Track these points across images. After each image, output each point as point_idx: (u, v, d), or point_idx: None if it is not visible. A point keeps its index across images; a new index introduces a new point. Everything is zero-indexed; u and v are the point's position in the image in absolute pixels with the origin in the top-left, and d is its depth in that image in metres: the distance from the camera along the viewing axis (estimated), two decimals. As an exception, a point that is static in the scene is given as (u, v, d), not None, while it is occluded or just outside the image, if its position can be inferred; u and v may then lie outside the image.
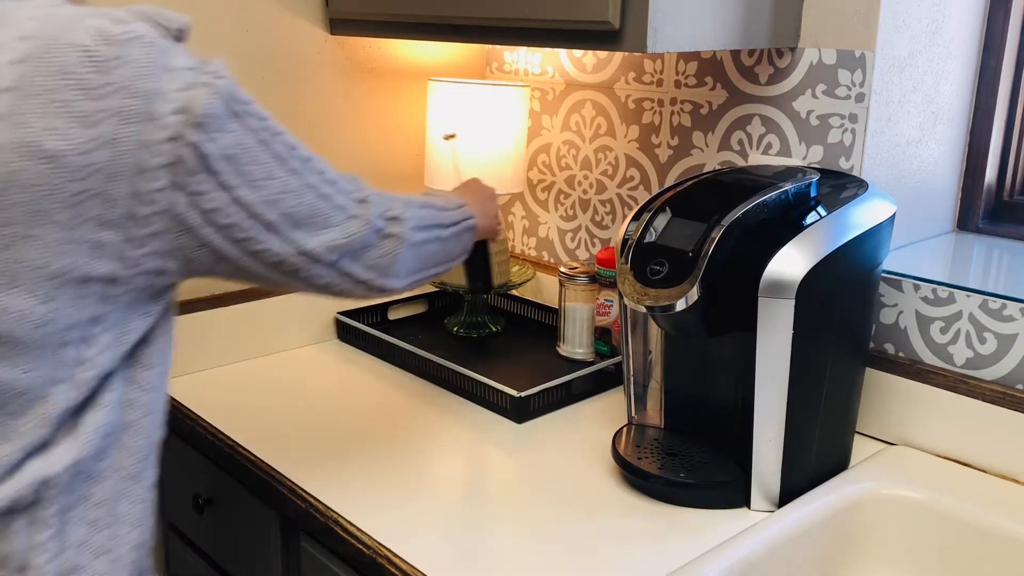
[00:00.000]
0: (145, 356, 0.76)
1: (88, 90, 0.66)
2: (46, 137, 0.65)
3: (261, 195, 0.75)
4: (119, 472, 0.75)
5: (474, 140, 1.37)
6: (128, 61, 0.67)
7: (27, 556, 0.70)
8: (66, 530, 0.72)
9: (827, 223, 0.93)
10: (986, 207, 1.30)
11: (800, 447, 0.97)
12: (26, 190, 0.65)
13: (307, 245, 0.80)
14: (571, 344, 1.35)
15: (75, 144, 0.66)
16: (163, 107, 0.68)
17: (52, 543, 0.71)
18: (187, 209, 0.71)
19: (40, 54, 0.65)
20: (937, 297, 1.07)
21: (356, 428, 1.15)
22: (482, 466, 1.06)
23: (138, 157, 0.68)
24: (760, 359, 0.92)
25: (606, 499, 0.99)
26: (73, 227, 0.67)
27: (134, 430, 0.76)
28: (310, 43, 1.37)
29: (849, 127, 1.13)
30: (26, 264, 0.67)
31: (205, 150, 0.70)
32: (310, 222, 0.79)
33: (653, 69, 1.35)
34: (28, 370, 0.69)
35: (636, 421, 1.10)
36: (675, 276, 0.90)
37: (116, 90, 0.66)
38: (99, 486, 0.74)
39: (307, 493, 0.99)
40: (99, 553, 0.74)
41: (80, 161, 0.66)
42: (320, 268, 0.82)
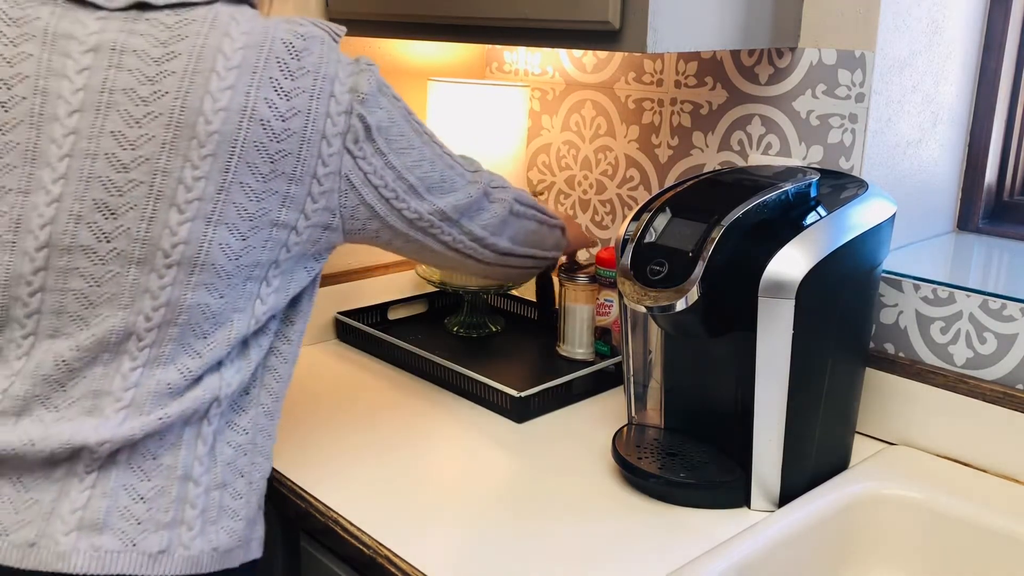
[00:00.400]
0: (294, 312, 0.91)
1: (288, 71, 0.83)
2: (261, 104, 0.81)
3: (404, 161, 0.91)
4: (260, 408, 0.89)
5: (474, 140, 1.37)
6: (313, 52, 0.84)
7: (190, 466, 0.83)
8: (217, 448, 0.85)
9: (827, 223, 0.93)
10: (986, 207, 1.30)
11: (800, 447, 0.97)
12: (244, 145, 0.80)
13: (438, 204, 0.95)
14: (571, 344, 1.35)
15: (279, 112, 0.82)
16: (339, 87, 0.85)
17: (207, 458, 0.84)
18: (352, 170, 0.87)
19: (257, 43, 0.82)
20: (937, 297, 1.07)
21: (356, 428, 1.15)
22: (482, 466, 1.06)
23: (323, 125, 0.84)
24: (760, 359, 0.92)
25: (606, 499, 0.99)
26: (270, 179, 0.82)
27: (276, 374, 0.90)
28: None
29: (849, 127, 1.13)
30: (234, 205, 0.81)
31: (368, 122, 0.87)
32: (440, 186, 0.95)
33: (653, 69, 1.35)
34: (221, 296, 0.83)
35: (636, 421, 1.10)
36: (675, 276, 0.90)
37: (307, 72, 0.83)
38: (243, 416, 0.87)
39: (307, 493, 0.99)
40: (240, 474, 0.87)
41: (281, 126, 0.82)
42: (448, 225, 0.97)
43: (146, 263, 0.79)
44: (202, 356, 0.83)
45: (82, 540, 0.78)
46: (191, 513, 0.83)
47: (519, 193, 1.07)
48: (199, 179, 0.79)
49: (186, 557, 0.82)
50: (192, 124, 0.78)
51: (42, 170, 0.79)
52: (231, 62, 0.80)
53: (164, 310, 0.80)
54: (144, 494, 0.81)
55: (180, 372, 0.82)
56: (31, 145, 0.79)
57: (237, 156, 0.80)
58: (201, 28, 0.81)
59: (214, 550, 0.84)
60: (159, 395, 0.81)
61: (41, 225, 0.79)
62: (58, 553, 0.78)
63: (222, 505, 0.85)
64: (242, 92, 0.80)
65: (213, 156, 0.79)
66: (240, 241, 0.81)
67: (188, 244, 0.79)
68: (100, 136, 0.78)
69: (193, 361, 0.83)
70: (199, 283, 0.81)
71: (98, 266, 0.79)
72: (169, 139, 0.78)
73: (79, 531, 0.79)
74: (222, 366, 0.85)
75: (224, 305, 0.83)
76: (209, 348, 0.83)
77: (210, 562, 0.83)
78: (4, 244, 0.80)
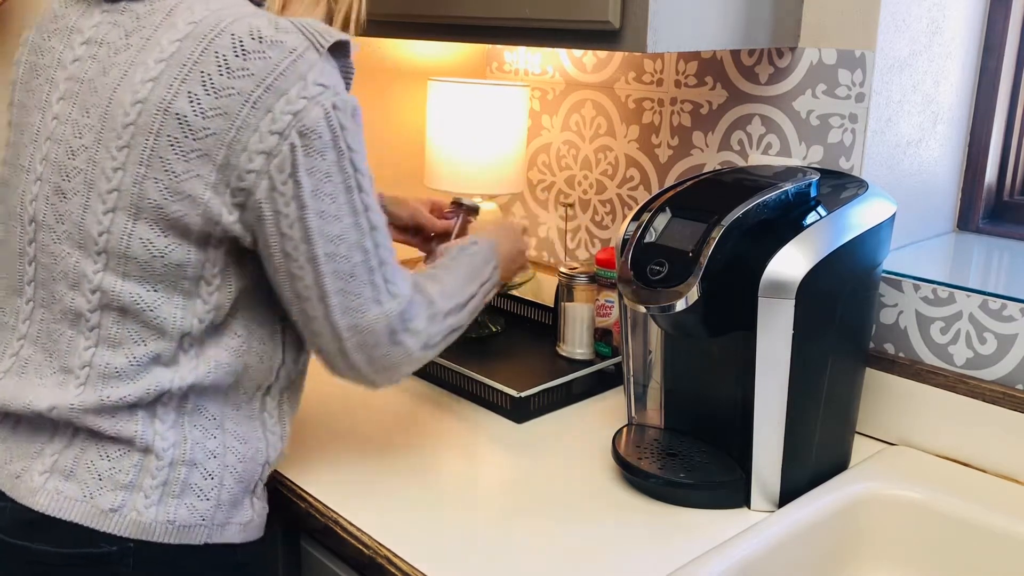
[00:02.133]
0: (264, 313, 0.88)
1: (226, 68, 0.78)
2: (182, 99, 0.78)
3: (322, 228, 0.82)
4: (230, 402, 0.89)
5: (474, 140, 1.37)
6: (269, 57, 0.78)
7: (151, 440, 0.84)
8: (184, 427, 0.85)
9: (827, 223, 0.93)
10: (986, 207, 1.30)
11: (800, 447, 0.97)
12: (158, 139, 0.78)
13: (330, 298, 0.84)
14: (571, 344, 1.34)
15: (201, 108, 0.78)
16: (284, 106, 0.78)
17: (171, 433, 0.85)
18: (266, 200, 0.80)
19: (200, 34, 0.79)
20: (937, 297, 1.07)
21: (356, 428, 1.15)
22: (482, 466, 1.06)
23: (247, 137, 0.78)
24: (760, 359, 0.92)
25: (606, 499, 0.99)
26: (184, 179, 0.79)
27: (249, 372, 0.88)
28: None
29: (849, 127, 1.13)
30: (149, 200, 0.80)
31: (298, 158, 0.79)
32: (345, 279, 0.84)
33: (653, 69, 1.35)
34: (154, 289, 0.82)
35: (636, 421, 1.10)
36: (675, 276, 0.90)
37: (249, 76, 0.78)
38: (212, 404, 0.87)
39: (307, 493, 0.99)
40: (211, 455, 0.86)
41: (200, 123, 0.78)
42: (326, 328, 0.85)
43: (84, 248, 0.83)
44: (146, 344, 0.83)
45: (51, 482, 0.83)
46: (150, 482, 0.84)
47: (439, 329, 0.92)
48: (117, 170, 0.80)
49: (137, 522, 0.83)
50: (114, 115, 0.80)
51: (37, 150, 0.86)
52: (163, 53, 0.79)
53: (99, 295, 0.83)
54: (110, 453, 0.84)
55: (127, 358, 0.83)
56: (36, 128, 0.87)
57: (151, 150, 0.79)
58: (156, 18, 0.81)
59: (169, 522, 0.84)
60: (108, 377, 0.83)
61: (30, 200, 0.87)
62: (31, 488, 0.83)
63: (188, 482, 0.85)
64: (164, 85, 0.78)
65: (128, 148, 0.80)
66: (162, 238, 0.81)
67: (111, 234, 0.81)
68: (66, 123, 0.84)
69: (139, 348, 0.83)
70: (128, 274, 0.82)
71: (56, 245, 0.85)
72: (100, 129, 0.81)
73: (51, 473, 0.84)
74: (177, 358, 0.84)
75: (160, 299, 0.83)
76: (153, 338, 0.83)
77: (163, 533, 0.84)
78: (15, 216, 0.89)
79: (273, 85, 0.78)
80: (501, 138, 1.38)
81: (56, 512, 0.82)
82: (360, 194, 0.84)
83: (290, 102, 0.78)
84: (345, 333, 0.85)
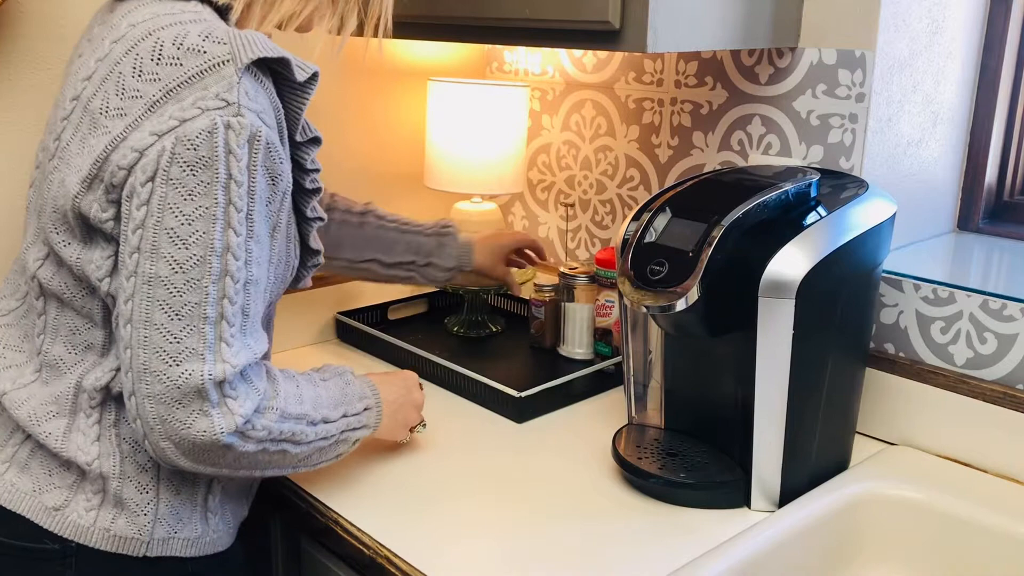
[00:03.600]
0: None
1: (139, 71, 0.76)
2: (99, 98, 0.78)
3: (161, 247, 0.74)
4: None
5: (474, 140, 1.37)
6: (183, 65, 0.75)
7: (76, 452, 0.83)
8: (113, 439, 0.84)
9: (827, 223, 0.93)
10: (986, 207, 1.30)
11: (800, 447, 0.96)
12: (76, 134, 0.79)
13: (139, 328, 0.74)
14: (571, 344, 1.34)
15: (107, 108, 0.77)
16: (174, 111, 0.74)
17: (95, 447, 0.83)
18: (125, 199, 0.76)
19: (132, 37, 0.78)
20: (937, 297, 1.07)
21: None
22: (482, 466, 1.06)
23: (133, 135, 0.76)
24: (760, 359, 0.92)
25: (606, 499, 0.99)
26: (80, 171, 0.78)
27: None
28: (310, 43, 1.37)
29: (849, 127, 1.13)
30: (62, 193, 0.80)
31: (163, 164, 0.74)
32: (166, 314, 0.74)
33: (653, 69, 1.35)
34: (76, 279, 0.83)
35: (636, 421, 1.10)
36: (675, 276, 0.90)
37: (155, 80, 0.76)
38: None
39: (307, 493, 0.99)
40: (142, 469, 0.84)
41: (103, 121, 0.77)
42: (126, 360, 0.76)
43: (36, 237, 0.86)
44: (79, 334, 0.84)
45: (8, 473, 0.85)
46: (89, 488, 0.84)
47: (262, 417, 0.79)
48: (51, 163, 0.84)
49: (77, 524, 0.83)
50: (58, 108, 0.84)
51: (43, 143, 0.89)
52: (101, 54, 0.81)
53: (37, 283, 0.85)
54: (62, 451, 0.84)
55: (67, 349, 0.84)
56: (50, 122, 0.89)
57: (66, 144, 0.82)
58: (116, 19, 0.83)
59: (106, 531, 0.84)
60: (53, 368, 0.84)
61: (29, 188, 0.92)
62: None
63: (121, 495, 0.84)
64: (94, 83, 0.80)
65: (58, 141, 0.83)
66: (69, 232, 0.82)
67: (44, 227, 0.84)
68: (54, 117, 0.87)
69: (75, 338, 0.84)
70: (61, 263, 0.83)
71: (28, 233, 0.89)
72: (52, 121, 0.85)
73: (10, 464, 0.86)
74: (100, 358, 0.84)
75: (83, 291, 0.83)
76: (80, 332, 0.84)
77: (101, 540, 0.84)
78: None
79: (174, 91, 0.75)
80: (501, 138, 1.38)
81: (8, 504, 0.84)
82: (227, 232, 0.74)
83: (183, 109, 0.74)
84: (145, 376, 0.74)
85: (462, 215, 1.43)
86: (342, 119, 1.43)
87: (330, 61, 0.93)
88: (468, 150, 1.37)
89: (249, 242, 0.76)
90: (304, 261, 0.91)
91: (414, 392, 1.03)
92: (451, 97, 1.37)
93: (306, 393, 0.86)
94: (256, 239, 0.77)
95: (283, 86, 0.81)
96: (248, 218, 0.76)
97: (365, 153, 1.48)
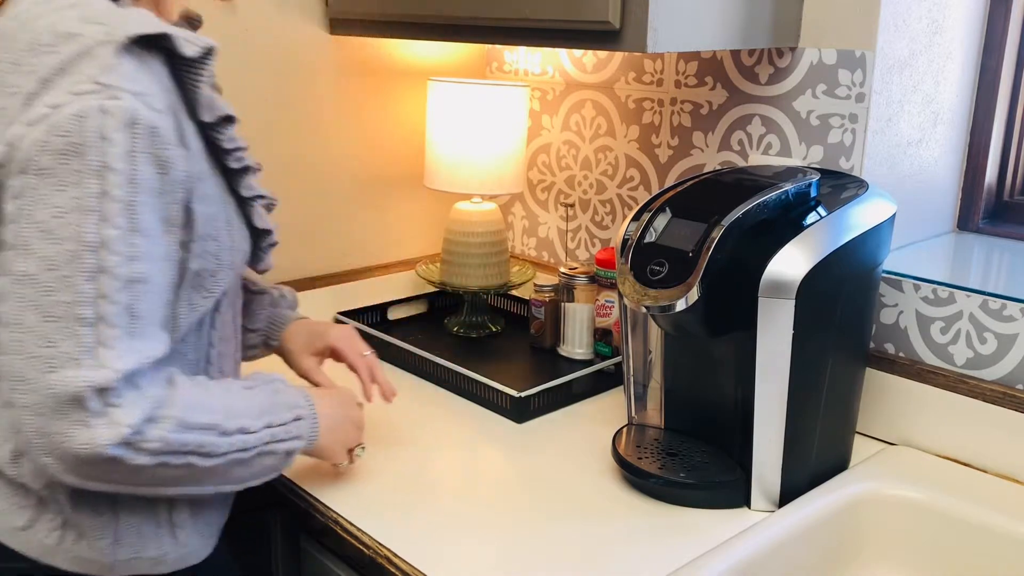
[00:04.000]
0: None
1: (16, 64, 0.73)
2: None
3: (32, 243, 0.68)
4: None
5: (474, 140, 1.37)
6: (57, 53, 0.71)
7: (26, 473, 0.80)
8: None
9: (827, 223, 0.93)
10: (986, 207, 1.30)
11: (800, 447, 0.96)
12: None
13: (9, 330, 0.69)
14: (571, 344, 1.34)
15: None
16: (47, 98, 0.70)
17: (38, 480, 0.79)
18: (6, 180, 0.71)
19: (16, 25, 0.74)
20: (937, 297, 1.07)
21: (356, 428, 1.15)
22: (482, 466, 1.06)
23: (9, 129, 0.71)
24: (760, 359, 0.92)
25: (606, 499, 0.99)
26: None
27: None
28: (310, 43, 1.37)
29: (849, 127, 1.13)
30: None
31: (33, 154, 0.69)
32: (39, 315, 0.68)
33: (653, 69, 1.35)
34: None
35: (636, 421, 1.10)
36: (675, 276, 0.90)
37: (32, 72, 0.71)
38: None
39: (307, 493, 0.99)
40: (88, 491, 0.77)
41: None
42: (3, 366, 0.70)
43: None
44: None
45: None
46: (50, 509, 0.81)
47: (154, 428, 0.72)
48: None
49: (43, 544, 0.80)
50: None
51: None
52: None
53: None
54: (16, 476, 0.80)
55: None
56: None
57: None
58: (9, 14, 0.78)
59: (67, 551, 0.81)
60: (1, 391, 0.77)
61: None
62: None
63: (79, 520, 0.80)
64: None
65: None
66: None
67: None
68: None
69: None
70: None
71: None
72: None
73: None
74: None
75: None
76: None
77: (67, 561, 0.81)
78: None
79: (49, 79, 0.70)
80: (501, 138, 1.38)
81: None
82: (102, 225, 0.68)
83: (56, 96, 0.69)
84: (20, 385, 0.69)
85: (462, 215, 1.43)
86: (342, 119, 1.43)
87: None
88: (468, 150, 1.38)
89: (132, 236, 0.70)
90: (258, 242, 0.87)
91: (352, 409, 0.97)
92: (451, 97, 1.37)
93: (217, 402, 0.78)
94: (142, 232, 0.70)
95: (179, 65, 0.76)
96: (129, 210, 0.69)
97: (365, 153, 1.48)
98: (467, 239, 1.42)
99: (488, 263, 1.44)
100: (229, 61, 1.28)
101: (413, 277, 1.56)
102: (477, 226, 1.42)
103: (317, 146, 1.42)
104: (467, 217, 1.43)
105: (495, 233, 1.43)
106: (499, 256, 1.44)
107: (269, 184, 0.91)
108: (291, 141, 1.38)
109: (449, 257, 1.44)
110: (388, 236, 1.55)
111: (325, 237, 1.47)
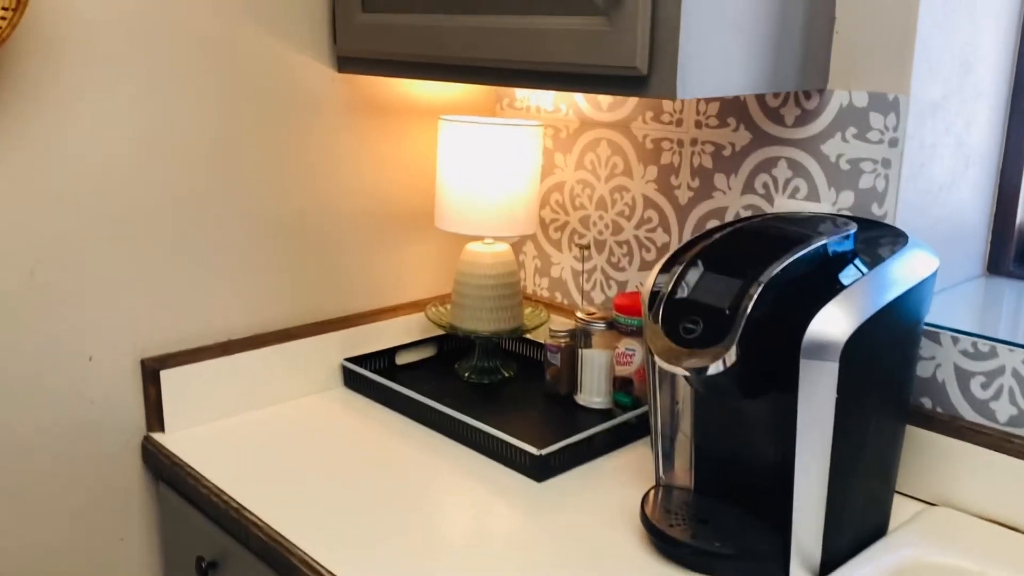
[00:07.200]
0: None
1: None
2: None
3: None
4: None
5: (486, 181, 1.32)
6: None
7: None
8: None
9: (870, 280, 0.88)
10: (1017, 250, 1.26)
11: (842, 512, 0.91)
12: None
13: None
14: (588, 393, 1.29)
15: None
16: None
17: None
18: None
19: None
20: (977, 351, 1.02)
21: (361, 483, 1.09)
22: (498, 528, 1.01)
23: None
24: (801, 422, 0.87)
25: (635, 567, 0.93)
26: None
27: None
28: (318, 81, 1.33)
29: (882, 172, 1.09)
30: None
31: None
32: None
33: (672, 109, 1.31)
34: None
35: (664, 482, 1.05)
36: (711, 336, 0.85)
37: None
38: None
39: (318, 563, 0.93)
40: None
41: None
42: None
43: None
44: None
45: None
46: None
47: None
48: None
49: None
50: None
51: None
52: None
53: None
54: None
55: None
56: None
57: None
58: None
59: None
60: None
61: None
62: None
63: None
64: None
65: None
66: None
67: None
68: None
69: None
70: None
71: None
72: None
73: None
74: None
75: None
76: None
77: None
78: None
79: None
80: (514, 179, 1.34)
81: None
82: None
83: None
84: None
85: (473, 256, 1.38)
86: (351, 157, 1.39)
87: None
88: (479, 191, 1.33)
89: None
90: None
91: None
92: (463, 137, 1.33)
93: None
94: None
95: None
96: None
97: (375, 192, 1.43)
98: (478, 281, 1.37)
99: (500, 306, 1.39)
100: (236, 99, 1.23)
101: (421, 320, 1.51)
102: (488, 268, 1.37)
103: (326, 185, 1.37)
104: (478, 259, 1.38)
105: (507, 275, 1.39)
106: (512, 299, 1.39)
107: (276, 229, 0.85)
108: (299, 182, 1.34)
109: (460, 300, 1.39)
110: (398, 278, 1.50)
111: (334, 280, 1.42)
